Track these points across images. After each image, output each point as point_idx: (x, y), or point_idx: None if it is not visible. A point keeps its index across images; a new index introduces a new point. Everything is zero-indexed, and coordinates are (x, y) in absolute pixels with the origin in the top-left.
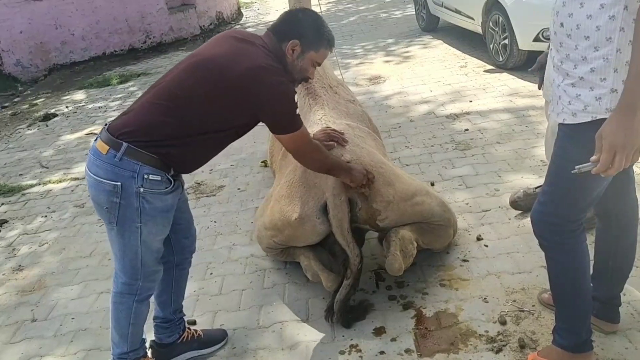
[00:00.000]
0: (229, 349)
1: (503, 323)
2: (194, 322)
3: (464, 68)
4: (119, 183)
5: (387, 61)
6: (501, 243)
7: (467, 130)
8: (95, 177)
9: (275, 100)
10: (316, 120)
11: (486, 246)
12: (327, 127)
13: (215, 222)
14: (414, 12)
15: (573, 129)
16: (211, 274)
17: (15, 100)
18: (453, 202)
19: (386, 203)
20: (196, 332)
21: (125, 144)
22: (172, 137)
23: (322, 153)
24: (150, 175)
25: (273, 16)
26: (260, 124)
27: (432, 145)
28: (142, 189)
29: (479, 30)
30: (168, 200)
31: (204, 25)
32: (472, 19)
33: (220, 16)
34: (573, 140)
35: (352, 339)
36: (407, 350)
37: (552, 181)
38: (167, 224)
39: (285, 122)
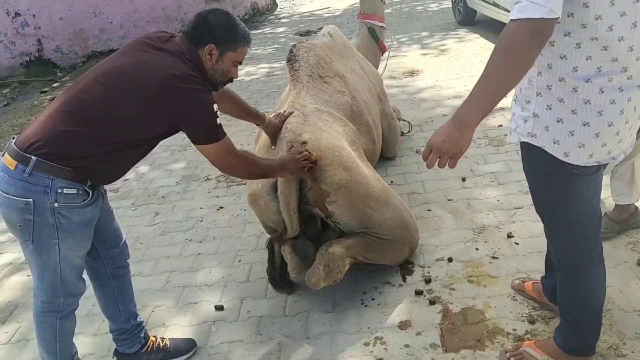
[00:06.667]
0: (255, 336)
1: (532, 322)
2: (221, 308)
3: None
4: (31, 199)
5: (421, 54)
6: (532, 241)
7: (501, 126)
8: (5, 194)
9: (192, 110)
10: (287, 101)
11: (517, 244)
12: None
13: (245, 210)
14: (451, 5)
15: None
16: (239, 261)
17: (54, 85)
18: (484, 198)
19: (337, 186)
20: (162, 341)
21: (34, 158)
22: (86, 148)
23: (248, 161)
24: (64, 189)
25: (308, 7)
26: None
27: None
28: (56, 204)
29: None
30: (87, 213)
31: (239, 16)
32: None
33: (255, 6)
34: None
35: (377, 331)
36: (432, 345)
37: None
38: (88, 238)
39: (205, 133)
